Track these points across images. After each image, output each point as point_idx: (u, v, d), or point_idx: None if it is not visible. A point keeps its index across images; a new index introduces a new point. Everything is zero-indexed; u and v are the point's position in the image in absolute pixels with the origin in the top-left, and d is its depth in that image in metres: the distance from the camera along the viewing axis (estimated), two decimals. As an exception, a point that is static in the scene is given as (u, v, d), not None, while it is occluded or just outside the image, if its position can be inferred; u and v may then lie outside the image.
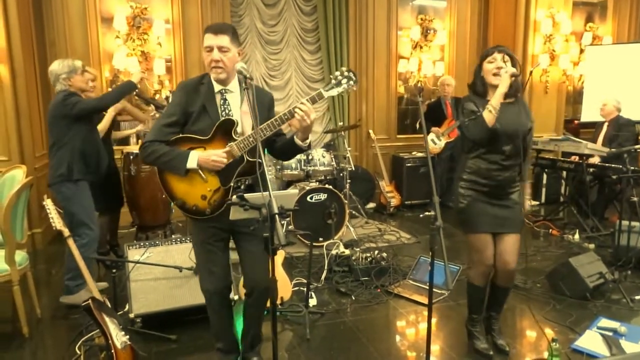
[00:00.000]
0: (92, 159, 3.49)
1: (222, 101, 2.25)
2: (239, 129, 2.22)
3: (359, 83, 6.35)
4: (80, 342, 2.83)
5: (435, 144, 5.91)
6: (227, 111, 2.24)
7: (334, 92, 2.22)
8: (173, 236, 3.53)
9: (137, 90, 3.67)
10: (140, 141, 5.16)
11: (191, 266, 3.11)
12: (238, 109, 2.26)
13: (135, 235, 4.40)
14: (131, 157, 4.14)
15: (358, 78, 2.20)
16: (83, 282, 3.39)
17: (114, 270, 3.13)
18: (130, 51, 5.33)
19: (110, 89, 5.32)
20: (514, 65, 2.54)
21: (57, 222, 2.61)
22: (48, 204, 2.65)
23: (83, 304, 2.30)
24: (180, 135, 2.21)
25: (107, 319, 2.35)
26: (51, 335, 3.14)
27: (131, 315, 2.99)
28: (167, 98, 4.51)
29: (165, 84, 5.55)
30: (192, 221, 2.34)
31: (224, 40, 2.14)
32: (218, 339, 2.52)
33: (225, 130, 2.20)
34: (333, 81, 2.22)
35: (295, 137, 2.27)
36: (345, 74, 2.21)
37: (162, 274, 3.12)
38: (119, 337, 2.34)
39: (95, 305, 2.31)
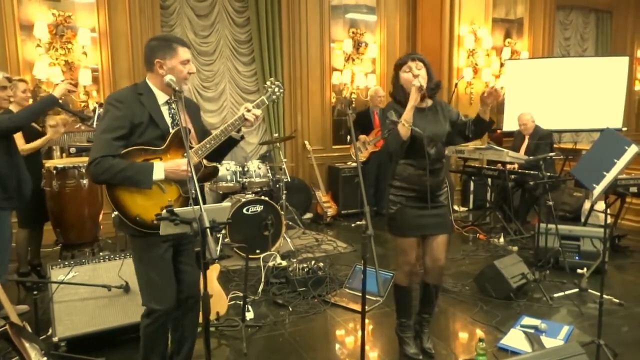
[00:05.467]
0: (11, 183, 3.15)
1: (170, 111, 2.25)
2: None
3: (294, 94, 6.46)
4: (-3, 371, 2.64)
5: (360, 151, 6.04)
6: (175, 121, 2.24)
7: (272, 98, 2.49)
8: (101, 254, 3.37)
9: (60, 102, 3.45)
10: (64, 155, 4.91)
11: (120, 284, 2.99)
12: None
13: (60, 254, 4.16)
14: (54, 171, 3.91)
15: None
16: None
17: (35, 292, 2.93)
18: (52, 60, 5.07)
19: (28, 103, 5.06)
20: (428, 71, 2.66)
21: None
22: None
23: (-1, 331, 2.15)
24: (133, 148, 2.14)
25: (27, 345, 2.19)
26: (-37, 367, 2.90)
27: (55, 339, 2.82)
28: (94, 110, 4.30)
29: (93, 95, 5.33)
30: (142, 238, 2.20)
31: None
32: None
33: (180, 139, 2.18)
34: (269, 90, 2.48)
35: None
36: (276, 83, 2.50)
37: (89, 293, 2.97)
38: (40, 364, 2.21)
39: (13, 330, 2.16)
